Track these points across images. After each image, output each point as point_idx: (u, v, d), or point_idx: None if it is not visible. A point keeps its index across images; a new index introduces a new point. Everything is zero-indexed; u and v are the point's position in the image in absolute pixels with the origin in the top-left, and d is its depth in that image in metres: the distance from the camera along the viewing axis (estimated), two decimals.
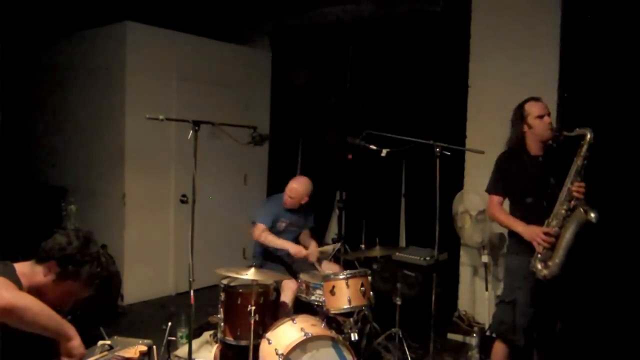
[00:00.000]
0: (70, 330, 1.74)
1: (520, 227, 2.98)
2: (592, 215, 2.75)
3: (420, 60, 4.95)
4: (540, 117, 2.98)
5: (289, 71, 5.98)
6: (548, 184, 2.94)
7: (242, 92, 5.88)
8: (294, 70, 5.87)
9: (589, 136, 2.85)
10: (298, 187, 3.97)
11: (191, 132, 3.05)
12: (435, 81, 4.84)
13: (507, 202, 3.17)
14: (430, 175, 3.32)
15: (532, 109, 3.02)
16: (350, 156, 5.30)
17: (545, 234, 2.85)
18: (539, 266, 2.87)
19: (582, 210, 2.79)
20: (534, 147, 3.05)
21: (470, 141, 4.50)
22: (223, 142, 3.53)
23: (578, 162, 2.86)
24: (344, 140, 4.06)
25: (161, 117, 3.07)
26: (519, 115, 3.05)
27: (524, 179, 3.04)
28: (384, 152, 3.57)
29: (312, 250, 3.95)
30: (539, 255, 2.88)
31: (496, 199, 3.13)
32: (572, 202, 2.84)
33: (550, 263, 2.85)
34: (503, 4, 4.36)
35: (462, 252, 4.65)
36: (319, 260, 3.98)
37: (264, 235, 3.86)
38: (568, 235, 2.82)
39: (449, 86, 4.70)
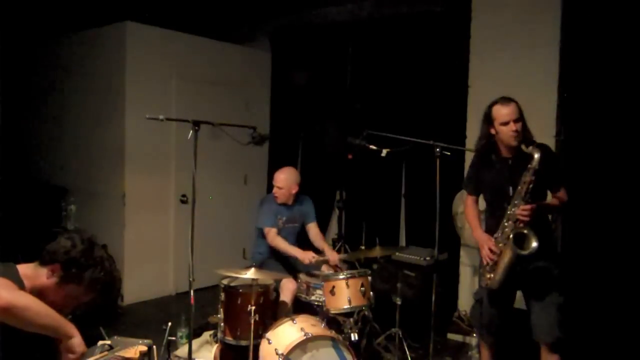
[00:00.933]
0: (71, 329, 1.73)
1: (475, 232, 3.03)
2: (532, 244, 2.69)
3: (420, 60, 4.95)
4: (505, 124, 2.82)
5: (289, 71, 5.97)
6: (509, 193, 2.87)
7: (242, 92, 5.87)
8: (294, 71, 5.87)
9: (536, 158, 2.71)
10: (284, 176, 3.96)
11: (191, 132, 3.05)
12: (435, 81, 4.83)
13: None
14: (430, 175, 3.32)
15: (498, 114, 2.86)
16: (350, 156, 5.30)
17: (490, 249, 2.86)
18: (487, 275, 2.92)
19: (512, 243, 2.74)
20: (503, 149, 2.95)
21: (470, 141, 4.49)
22: (223, 142, 3.53)
23: (524, 187, 2.75)
24: (344, 140, 4.06)
25: (161, 117, 3.07)
26: (488, 118, 2.92)
27: (490, 182, 3.01)
28: (384, 152, 3.57)
29: (331, 255, 3.90)
30: (487, 267, 2.92)
31: (469, 197, 3.17)
32: (517, 224, 2.78)
33: (491, 276, 2.89)
34: (503, 3, 4.36)
35: (462, 252, 4.65)
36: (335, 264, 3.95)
37: (276, 240, 3.88)
38: (505, 260, 2.81)
39: (449, 86, 4.70)
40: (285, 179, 3.95)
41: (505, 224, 2.83)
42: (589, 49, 3.86)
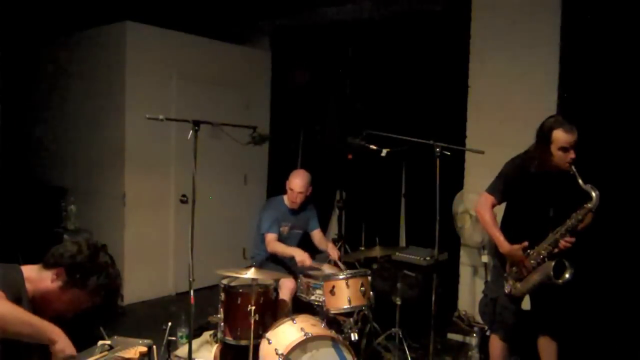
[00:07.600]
0: (53, 333, 1.67)
1: (503, 244, 2.96)
2: (566, 276, 2.80)
3: (420, 60, 4.95)
4: (564, 149, 2.81)
5: (289, 71, 5.97)
6: (549, 214, 2.92)
7: (242, 92, 5.87)
8: (294, 71, 5.87)
9: (593, 201, 2.73)
10: (302, 182, 3.97)
11: (191, 132, 3.05)
12: (435, 81, 4.84)
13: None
14: (430, 175, 3.32)
15: (559, 138, 2.82)
16: (350, 156, 5.30)
17: (525, 266, 2.91)
18: (510, 282, 2.98)
19: (549, 269, 2.80)
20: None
21: (470, 141, 4.50)
22: (223, 142, 3.52)
23: (574, 222, 2.81)
24: (344, 140, 4.06)
25: (161, 117, 3.07)
26: (545, 138, 2.86)
27: (530, 199, 2.98)
28: (384, 152, 3.57)
29: (332, 252, 3.97)
30: (513, 274, 2.98)
31: (491, 200, 3.06)
32: (555, 250, 2.85)
33: (517, 286, 2.96)
34: (503, 3, 4.36)
35: (462, 252, 4.65)
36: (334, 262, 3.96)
37: (275, 245, 3.88)
38: (535, 279, 2.89)
39: (449, 86, 4.70)
40: (304, 185, 3.96)
41: (545, 245, 2.88)
42: (589, 49, 3.85)
